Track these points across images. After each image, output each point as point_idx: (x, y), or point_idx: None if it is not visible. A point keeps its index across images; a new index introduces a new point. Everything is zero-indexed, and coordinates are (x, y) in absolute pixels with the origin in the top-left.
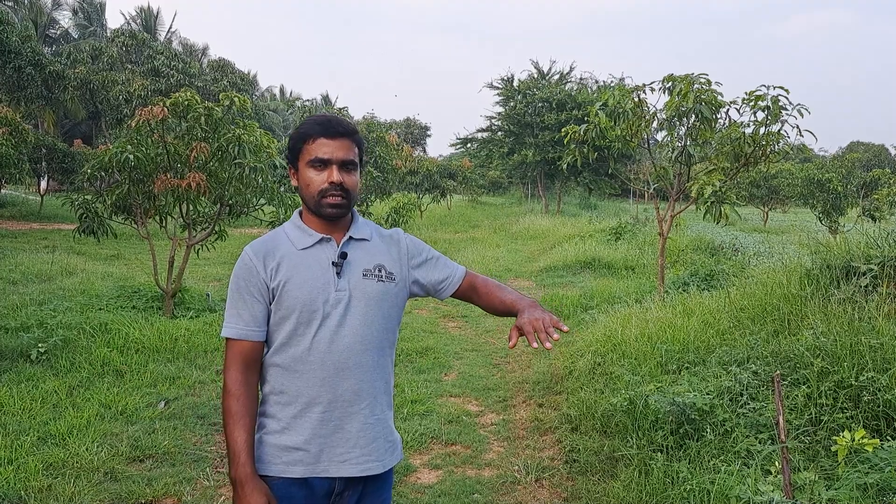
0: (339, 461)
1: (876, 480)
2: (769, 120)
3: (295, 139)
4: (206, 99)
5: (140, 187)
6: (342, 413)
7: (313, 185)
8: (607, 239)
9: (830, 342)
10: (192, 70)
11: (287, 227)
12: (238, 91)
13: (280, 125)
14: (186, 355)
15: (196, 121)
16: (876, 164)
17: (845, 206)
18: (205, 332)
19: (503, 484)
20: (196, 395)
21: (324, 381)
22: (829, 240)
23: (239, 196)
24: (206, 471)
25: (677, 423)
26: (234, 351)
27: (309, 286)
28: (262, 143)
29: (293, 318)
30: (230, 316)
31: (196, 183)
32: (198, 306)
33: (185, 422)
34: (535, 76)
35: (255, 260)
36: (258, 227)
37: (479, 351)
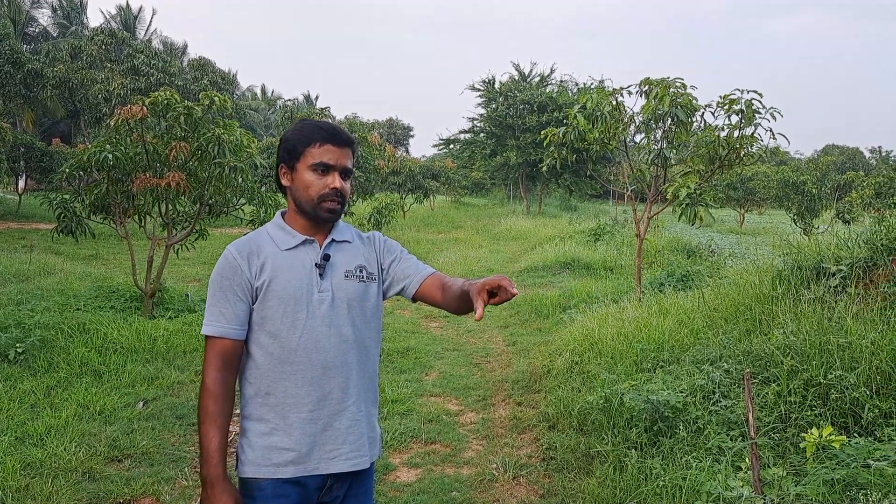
0: (328, 458)
1: (842, 476)
2: (743, 123)
3: (296, 140)
4: (186, 98)
5: (119, 186)
6: (331, 411)
7: (313, 188)
8: (587, 240)
9: (800, 341)
10: (172, 69)
11: (269, 228)
12: (218, 90)
13: (261, 124)
14: (165, 356)
15: (176, 120)
16: (850, 166)
17: (819, 208)
18: (184, 332)
19: (481, 482)
20: (175, 396)
21: (312, 380)
22: (801, 241)
23: (219, 195)
24: (184, 470)
25: (651, 420)
26: (214, 349)
27: (293, 286)
28: (243, 143)
29: (277, 318)
30: (211, 314)
31: (175, 182)
32: (177, 306)
33: (163, 422)
34: (516, 78)
35: (239, 259)
36: (239, 226)
37: (460, 350)
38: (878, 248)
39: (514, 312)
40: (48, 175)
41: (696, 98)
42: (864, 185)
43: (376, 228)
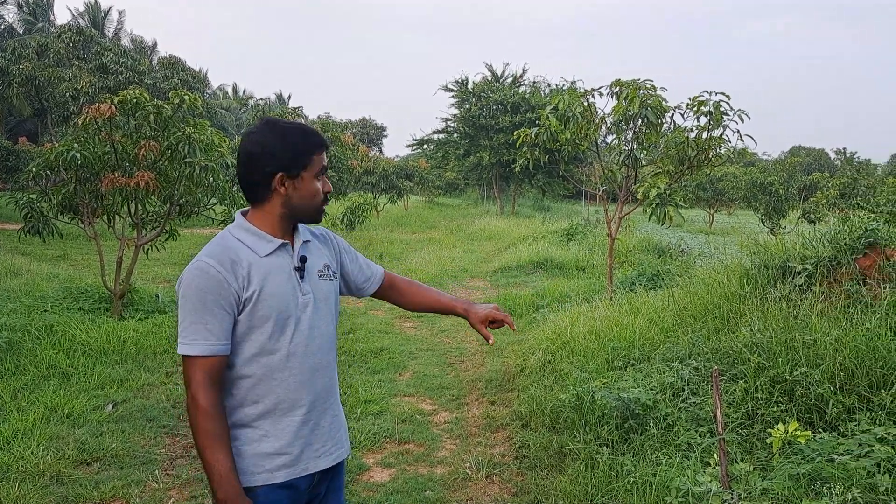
0: (315, 457)
1: (807, 470)
2: (711, 125)
3: (303, 148)
4: (155, 97)
5: (87, 186)
6: (319, 411)
7: (319, 195)
8: (559, 240)
9: (767, 339)
10: (142, 67)
11: (238, 234)
12: (189, 89)
13: (232, 124)
14: (135, 357)
15: (145, 119)
16: (816, 167)
17: (786, 208)
18: (154, 333)
19: (455, 481)
20: (145, 398)
21: (303, 384)
22: (768, 241)
23: (189, 195)
24: (155, 473)
25: (622, 417)
26: (204, 368)
27: (280, 293)
28: (214, 142)
29: (267, 326)
30: (197, 331)
31: (145, 182)
32: (147, 307)
33: (133, 424)
34: (489, 79)
35: (223, 271)
36: (210, 226)
37: (434, 350)
38: (842, 247)
39: None
40: (14, 174)
41: (665, 99)
42: (829, 185)
43: (349, 229)
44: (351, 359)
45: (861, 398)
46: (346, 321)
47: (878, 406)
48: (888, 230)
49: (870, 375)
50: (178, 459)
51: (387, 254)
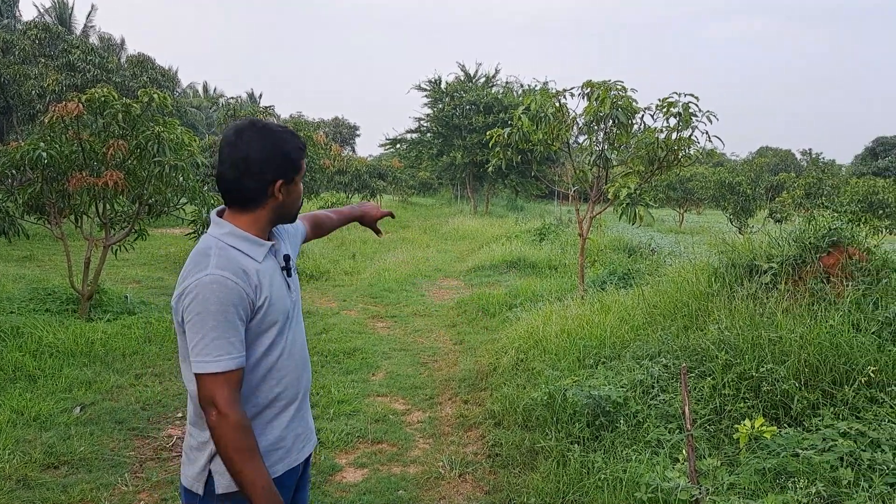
0: (301, 446)
1: (773, 465)
2: (680, 126)
3: (297, 154)
4: (124, 95)
5: (54, 186)
6: (304, 402)
7: (301, 196)
8: (532, 239)
9: (734, 336)
10: (110, 65)
11: (231, 241)
12: (158, 87)
13: (203, 123)
14: (104, 359)
15: (113, 118)
16: (783, 168)
17: (754, 208)
18: (123, 335)
19: (427, 480)
20: (114, 400)
21: (298, 378)
22: (736, 240)
23: (159, 195)
24: (124, 476)
25: (593, 415)
26: (229, 382)
27: (281, 296)
28: (184, 141)
29: (273, 330)
30: (221, 347)
31: (113, 181)
32: (116, 308)
33: (102, 427)
34: (462, 79)
35: (240, 282)
36: (180, 226)
37: (408, 350)
38: (807, 246)
39: (461, 312)
40: None
41: (635, 100)
42: (795, 185)
43: None
44: (324, 359)
45: (825, 394)
46: (318, 321)
47: (841, 401)
48: (851, 229)
49: (833, 371)
50: (147, 462)
51: (360, 253)
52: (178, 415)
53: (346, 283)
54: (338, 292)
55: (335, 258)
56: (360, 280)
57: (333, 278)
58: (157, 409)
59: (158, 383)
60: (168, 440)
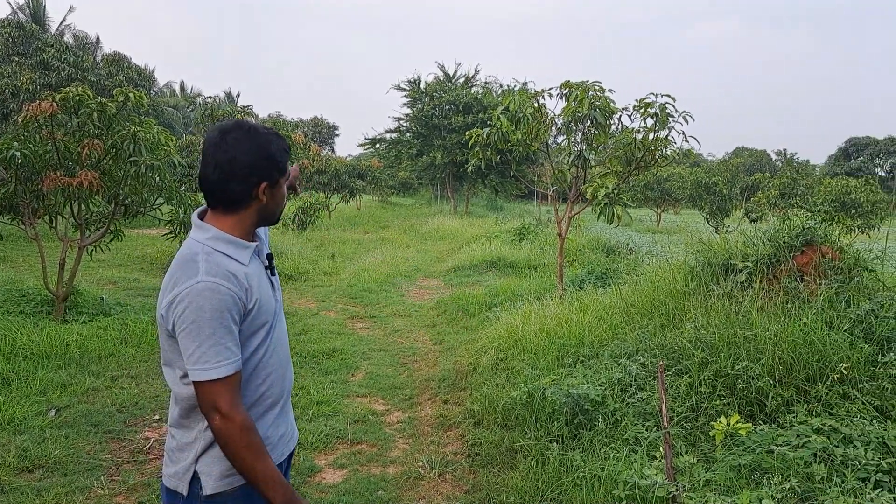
0: (287, 441)
1: (748, 462)
2: (657, 126)
3: (281, 156)
4: (99, 94)
5: (28, 186)
6: (288, 401)
7: (285, 197)
8: (512, 239)
9: (710, 334)
10: (85, 64)
11: (217, 245)
12: (134, 86)
13: (180, 122)
14: (79, 361)
15: (88, 117)
16: (758, 168)
17: (730, 207)
18: (99, 336)
19: (407, 480)
20: (89, 403)
21: (283, 375)
22: (712, 240)
23: (135, 195)
24: (100, 479)
25: (572, 413)
26: (230, 386)
27: (269, 296)
28: (160, 141)
29: (262, 331)
30: (220, 353)
31: (88, 181)
32: (91, 310)
33: (77, 430)
34: (442, 79)
35: (231, 287)
36: (156, 227)
37: (387, 350)
38: (781, 245)
39: (441, 312)
40: None
41: (613, 101)
42: (770, 186)
43: (301, 228)
44: (303, 360)
45: (799, 391)
46: (297, 322)
47: (814, 398)
48: (824, 229)
49: (807, 368)
50: (124, 465)
51: (339, 254)
52: (156, 417)
53: (326, 283)
54: (317, 293)
55: (314, 258)
56: (339, 280)
57: (312, 279)
58: (134, 412)
59: (135, 385)
60: (145, 443)
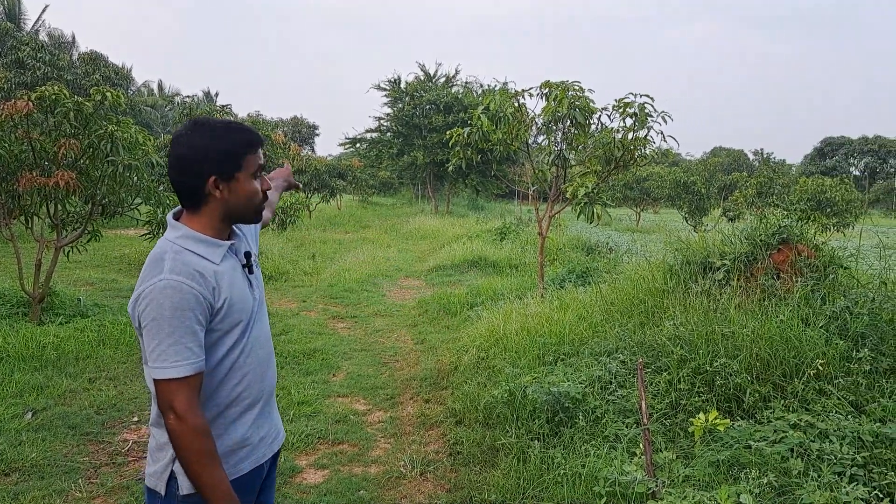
0: (270, 441)
1: (726, 457)
2: (636, 126)
3: (234, 148)
4: (76, 93)
5: (3, 186)
6: (271, 398)
7: (258, 195)
8: (493, 239)
9: (689, 332)
10: (61, 63)
11: (186, 244)
12: (112, 85)
13: (158, 122)
14: (56, 363)
15: (65, 116)
16: (735, 167)
17: (708, 206)
18: (76, 338)
19: (389, 479)
20: (66, 405)
21: (262, 375)
22: (690, 238)
23: (112, 195)
24: (78, 482)
25: (553, 411)
26: (189, 387)
27: (244, 295)
28: (138, 140)
29: (236, 331)
30: (179, 352)
31: (65, 181)
32: (68, 311)
33: (54, 433)
34: (422, 78)
35: (195, 286)
36: (134, 227)
37: (368, 350)
38: (758, 243)
39: (422, 311)
40: None
41: (593, 101)
42: (747, 185)
43: (281, 228)
44: (283, 360)
45: (776, 387)
46: (278, 323)
47: (791, 394)
48: (800, 227)
49: (783, 365)
50: (102, 468)
51: (320, 254)
52: (135, 419)
53: (306, 283)
54: (297, 293)
55: (294, 258)
56: (319, 280)
57: (293, 279)
58: (112, 414)
59: (113, 387)
60: (123, 445)
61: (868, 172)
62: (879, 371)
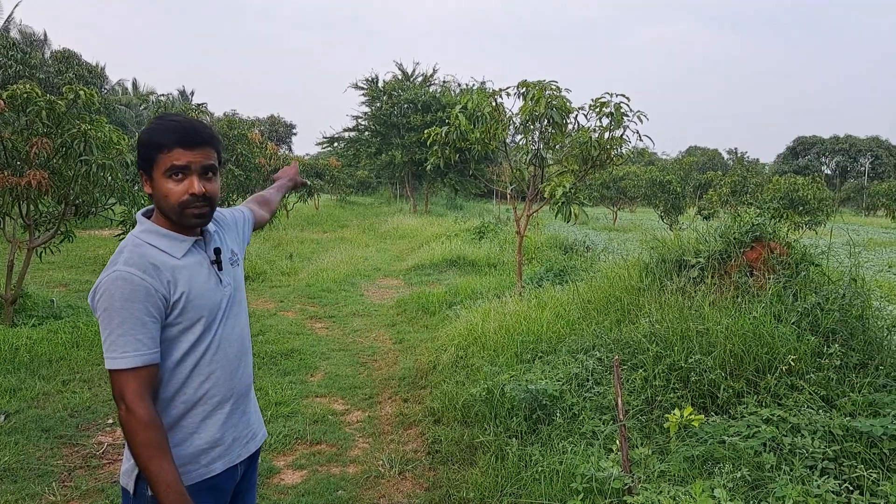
0: (245, 442)
1: (701, 452)
2: (612, 125)
3: (146, 146)
4: (48, 92)
5: None
6: (245, 398)
7: (172, 196)
8: (472, 238)
9: (664, 329)
10: (33, 61)
11: (148, 238)
12: (85, 84)
13: (133, 120)
14: (28, 365)
15: (37, 115)
16: (710, 166)
17: (684, 205)
18: (49, 340)
19: (367, 479)
20: (40, 408)
21: (231, 374)
22: (666, 237)
23: (86, 195)
24: (52, 485)
25: (530, 409)
26: (138, 379)
27: (208, 291)
28: (112, 139)
29: (197, 327)
30: (127, 343)
31: (37, 181)
32: (41, 313)
33: (27, 436)
34: (400, 77)
35: (147, 278)
36: (109, 227)
37: (347, 350)
38: (732, 241)
39: (401, 311)
40: None
41: (570, 100)
42: (721, 183)
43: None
44: (261, 361)
45: (749, 382)
46: (255, 323)
47: (764, 389)
48: (773, 225)
49: (756, 361)
50: (76, 470)
51: (297, 253)
52: (109, 421)
53: (283, 283)
54: (275, 293)
55: (271, 259)
56: (297, 280)
57: (270, 279)
58: (87, 416)
59: (87, 389)
60: (98, 447)
61: (839, 171)
62: (849, 366)
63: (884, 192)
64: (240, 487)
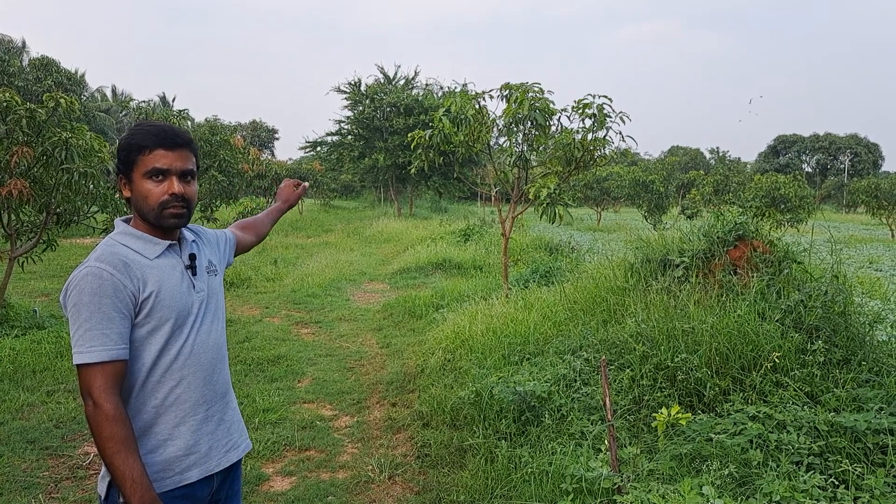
0: (224, 451)
1: (689, 450)
2: (595, 126)
3: (127, 149)
4: (28, 100)
5: None
6: (221, 406)
7: (152, 196)
8: (457, 240)
9: (650, 328)
10: (12, 69)
11: (123, 239)
12: (65, 91)
13: (113, 127)
14: (12, 376)
15: (17, 123)
16: (693, 166)
17: (667, 205)
18: (32, 350)
19: (357, 484)
20: (24, 419)
21: (205, 380)
22: (650, 236)
23: (68, 203)
24: (38, 497)
25: (519, 410)
26: (106, 374)
27: (177, 293)
28: (93, 147)
29: (166, 327)
30: (94, 338)
31: (18, 190)
32: (24, 323)
33: (12, 447)
34: (382, 81)
35: (117, 274)
36: (91, 235)
37: (334, 356)
38: (715, 240)
39: (387, 315)
40: None
41: (553, 102)
42: (704, 183)
43: None
44: (247, 368)
45: (734, 380)
46: (240, 330)
47: (749, 387)
48: (755, 223)
49: (742, 358)
50: (63, 482)
51: (282, 259)
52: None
53: (269, 289)
54: (260, 299)
55: (256, 265)
56: (282, 286)
57: (255, 285)
58: (72, 427)
59: (72, 399)
60: (84, 458)
61: (819, 169)
62: (833, 362)
63: (863, 189)
64: (218, 496)
